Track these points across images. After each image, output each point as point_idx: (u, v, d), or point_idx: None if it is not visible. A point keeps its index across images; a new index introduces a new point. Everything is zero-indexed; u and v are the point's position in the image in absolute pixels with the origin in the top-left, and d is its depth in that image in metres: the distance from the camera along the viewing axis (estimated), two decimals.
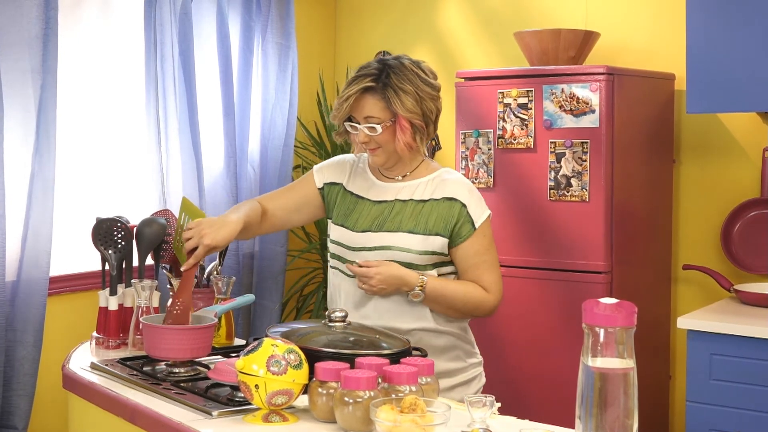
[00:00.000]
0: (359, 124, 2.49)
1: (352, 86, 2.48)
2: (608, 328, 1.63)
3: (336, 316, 2.27)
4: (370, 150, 2.52)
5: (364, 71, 2.50)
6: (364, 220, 2.57)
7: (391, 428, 1.77)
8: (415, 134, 2.48)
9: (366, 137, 2.48)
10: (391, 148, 2.50)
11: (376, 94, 2.46)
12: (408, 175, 2.59)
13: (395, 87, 2.45)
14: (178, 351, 2.28)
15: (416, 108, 2.46)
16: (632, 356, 1.64)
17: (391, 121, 2.47)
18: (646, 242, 3.69)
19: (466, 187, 2.56)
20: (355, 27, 4.84)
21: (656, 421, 3.78)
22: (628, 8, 3.97)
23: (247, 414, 2.00)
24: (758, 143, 3.68)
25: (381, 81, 2.46)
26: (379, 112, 2.46)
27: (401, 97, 2.44)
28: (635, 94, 3.58)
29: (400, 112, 2.44)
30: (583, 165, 3.44)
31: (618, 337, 1.64)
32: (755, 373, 3.03)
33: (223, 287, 2.68)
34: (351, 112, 2.49)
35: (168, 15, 3.92)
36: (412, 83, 2.47)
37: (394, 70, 2.48)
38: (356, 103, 2.47)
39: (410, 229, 2.51)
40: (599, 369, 1.63)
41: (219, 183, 4.17)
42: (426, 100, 2.49)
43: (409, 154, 2.54)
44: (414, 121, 2.47)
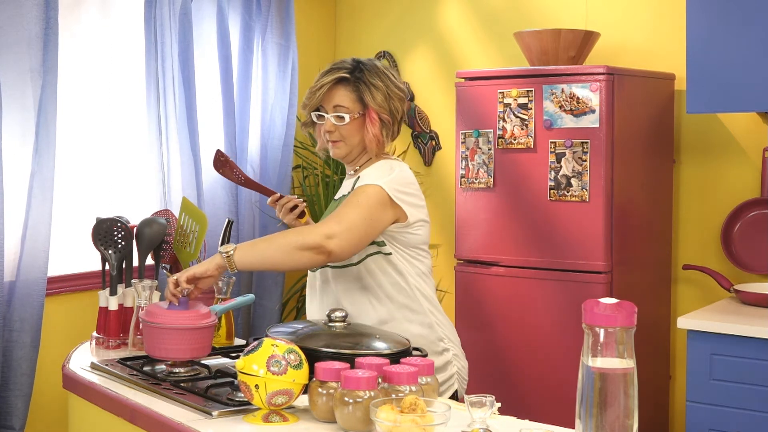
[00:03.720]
0: (326, 113, 2.54)
1: (326, 76, 2.55)
2: (608, 328, 1.63)
3: (336, 316, 2.27)
4: (333, 142, 2.57)
5: (338, 65, 2.58)
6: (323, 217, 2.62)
7: (391, 428, 1.77)
8: (382, 129, 2.55)
9: (332, 126, 2.54)
10: (353, 142, 2.56)
11: (348, 85, 2.54)
12: (358, 170, 2.62)
13: (367, 81, 2.54)
14: (178, 351, 2.28)
15: (385, 104, 2.55)
16: (632, 356, 1.64)
17: (359, 113, 2.53)
18: (646, 242, 3.69)
19: (373, 168, 2.55)
20: (354, 27, 4.84)
21: (656, 421, 3.78)
22: (628, 8, 3.97)
23: (247, 414, 2.00)
24: (758, 143, 3.68)
25: (354, 74, 2.54)
26: (349, 102, 2.53)
27: (372, 91, 2.53)
28: (635, 94, 3.58)
29: (370, 104, 2.52)
30: (583, 165, 3.44)
31: (618, 337, 1.64)
32: (755, 373, 3.03)
33: (223, 287, 2.68)
34: (321, 102, 2.56)
35: (168, 15, 3.92)
36: (383, 81, 2.56)
37: (367, 66, 2.58)
38: (328, 93, 2.54)
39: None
40: (599, 369, 1.63)
41: (218, 183, 4.17)
42: (394, 99, 2.57)
43: (376, 148, 2.56)
44: (382, 116, 2.54)
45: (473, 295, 3.72)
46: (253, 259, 2.36)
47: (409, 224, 2.50)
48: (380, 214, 2.44)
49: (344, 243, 2.37)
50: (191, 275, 2.31)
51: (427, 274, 2.60)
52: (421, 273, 2.57)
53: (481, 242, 3.70)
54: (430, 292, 2.61)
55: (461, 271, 3.76)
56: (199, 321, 2.29)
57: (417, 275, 2.56)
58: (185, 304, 2.32)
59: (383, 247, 2.51)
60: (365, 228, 2.41)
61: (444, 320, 2.63)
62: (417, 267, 2.56)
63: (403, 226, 2.50)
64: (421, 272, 2.57)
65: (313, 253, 2.36)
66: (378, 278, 2.52)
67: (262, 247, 2.38)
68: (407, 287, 2.53)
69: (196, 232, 2.87)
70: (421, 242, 2.56)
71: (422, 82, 4.59)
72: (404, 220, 2.49)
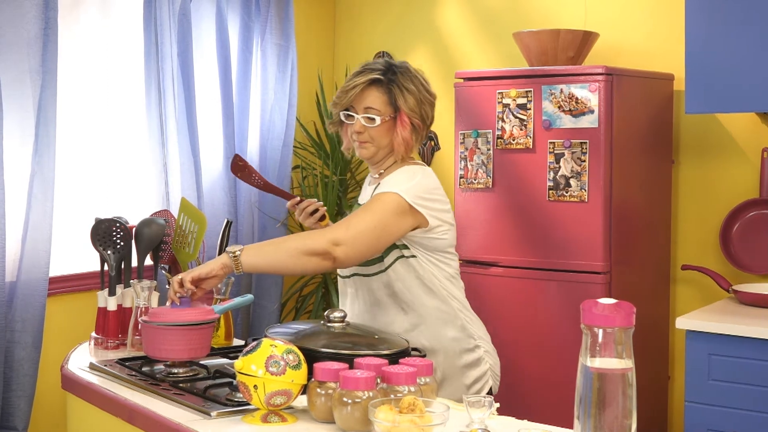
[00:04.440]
0: (357, 114, 2.53)
1: (360, 77, 2.53)
2: (607, 329, 1.63)
3: (335, 317, 2.27)
4: (361, 142, 2.56)
5: (371, 66, 2.57)
6: None
7: (390, 428, 1.77)
8: (413, 133, 2.54)
9: (362, 127, 2.53)
10: (381, 144, 2.55)
11: (381, 87, 2.53)
12: (383, 173, 2.61)
13: (400, 84, 2.53)
14: (177, 351, 2.28)
15: (417, 108, 2.54)
16: (631, 356, 1.64)
17: (390, 116, 2.53)
18: (645, 242, 3.70)
19: (396, 174, 2.53)
20: (354, 28, 4.84)
21: (655, 421, 3.78)
22: (626, 9, 3.97)
23: (246, 414, 2.00)
24: (757, 143, 3.68)
25: (387, 77, 2.53)
26: (380, 105, 2.52)
27: (405, 95, 2.52)
28: (634, 95, 3.58)
29: (403, 108, 2.52)
30: (582, 165, 3.44)
31: (616, 337, 1.64)
32: (754, 374, 3.03)
33: (222, 288, 2.68)
34: (352, 102, 2.54)
35: (167, 15, 3.92)
36: (415, 85, 2.56)
37: (400, 69, 2.56)
38: (360, 94, 2.53)
39: None
40: (598, 369, 1.63)
41: (218, 184, 4.17)
42: (425, 105, 2.57)
43: (403, 152, 2.56)
44: (413, 120, 2.53)
45: (472, 295, 3.70)
46: (260, 261, 2.35)
47: (432, 229, 2.50)
48: (395, 222, 2.44)
49: (350, 250, 2.38)
50: (196, 276, 2.31)
51: (456, 277, 2.62)
52: (449, 276, 2.58)
53: (480, 242, 3.70)
54: (459, 293, 2.62)
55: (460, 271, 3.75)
56: (199, 317, 2.29)
57: (445, 278, 2.57)
58: (187, 303, 2.32)
59: (405, 250, 2.51)
60: (375, 236, 2.41)
61: (475, 319, 2.66)
62: (444, 270, 2.57)
63: (426, 231, 2.50)
64: (449, 275, 2.58)
65: (320, 259, 2.36)
66: (407, 283, 2.52)
67: (269, 250, 2.38)
68: (436, 290, 2.54)
69: (194, 232, 2.87)
70: (447, 246, 2.57)
71: None
72: (426, 225, 2.49)
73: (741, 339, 3.05)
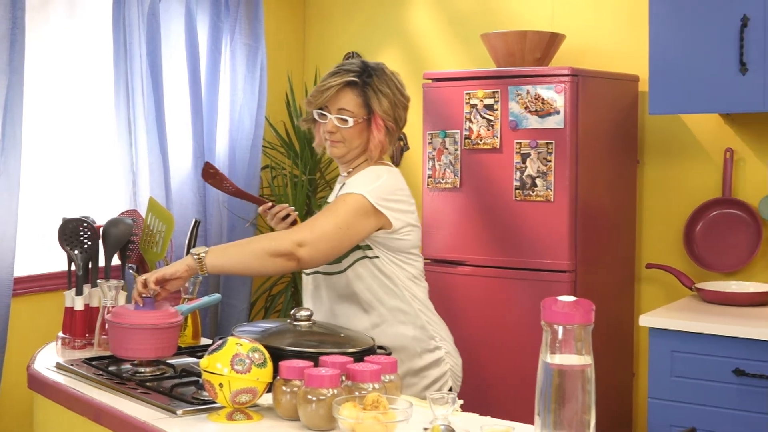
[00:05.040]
0: (330, 114, 2.56)
1: (335, 78, 2.56)
2: (566, 326, 1.66)
3: (301, 315, 2.29)
4: (332, 141, 2.58)
5: (347, 67, 2.59)
6: None
7: (354, 425, 1.79)
8: (387, 135, 2.58)
9: (334, 128, 2.56)
10: (353, 144, 2.57)
11: (355, 89, 2.55)
12: (351, 171, 2.63)
13: (375, 87, 2.56)
14: (144, 351, 2.29)
15: (391, 111, 2.57)
16: (590, 353, 1.67)
17: (363, 118, 2.55)
18: (610, 241, 3.74)
19: (360, 176, 2.55)
20: (323, 28, 4.86)
21: (620, 418, 3.82)
22: (593, 11, 4.02)
23: (212, 412, 2.01)
24: (720, 144, 3.73)
25: (362, 79, 2.56)
26: (354, 107, 2.54)
27: (379, 98, 2.55)
28: (599, 96, 3.62)
29: (377, 111, 2.54)
30: (548, 165, 3.48)
31: (576, 334, 1.67)
32: (714, 370, 3.07)
33: (190, 287, 2.69)
34: (326, 102, 2.57)
35: (136, 16, 3.92)
36: (390, 88, 2.59)
37: (376, 72, 2.59)
38: (334, 95, 2.55)
39: None
40: (557, 366, 1.66)
41: (186, 184, 4.17)
42: (399, 108, 2.60)
43: (377, 154, 2.59)
44: (387, 123, 2.56)
45: (439, 295, 3.74)
46: (225, 262, 2.36)
47: (396, 230, 2.52)
48: (359, 223, 2.45)
49: (314, 251, 2.40)
50: (160, 276, 2.31)
51: (419, 277, 2.63)
52: (412, 277, 2.60)
53: (447, 242, 3.73)
54: (422, 294, 2.64)
55: (428, 271, 3.75)
56: (164, 321, 2.30)
57: (407, 279, 2.59)
58: (151, 304, 2.32)
59: (368, 251, 2.53)
60: (339, 237, 2.43)
61: (437, 320, 2.67)
62: (407, 271, 2.59)
63: (390, 233, 2.52)
64: (412, 276, 2.60)
65: (284, 260, 2.38)
66: (367, 283, 2.54)
67: (234, 252, 2.40)
68: (397, 290, 2.56)
69: (162, 232, 2.88)
70: (410, 247, 2.59)
71: None
72: (390, 227, 2.51)
73: (703, 336, 3.10)
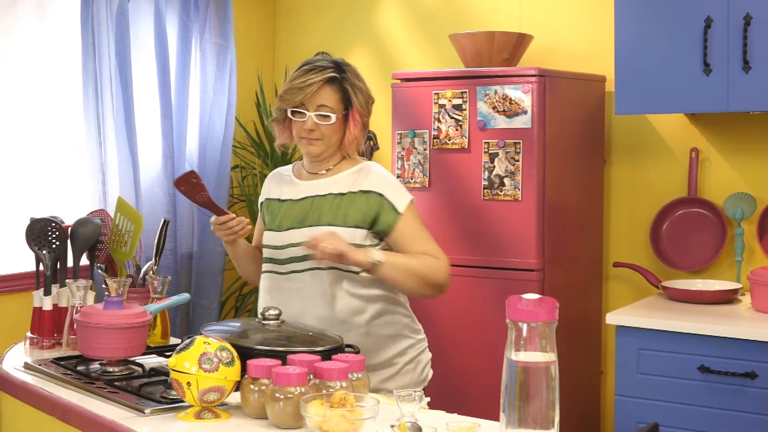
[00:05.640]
0: (308, 111, 2.55)
1: (313, 74, 2.55)
2: (531, 323, 1.68)
3: (270, 314, 2.30)
4: (311, 139, 2.58)
5: (320, 63, 2.58)
6: (287, 220, 2.64)
7: (321, 423, 1.81)
8: (362, 130, 2.62)
9: (314, 125, 2.55)
10: (331, 141, 2.59)
11: (334, 85, 2.56)
12: (332, 169, 2.65)
13: (351, 82, 2.59)
14: (112, 350, 2.30)
15: (366, 106, 2.62)
16: (554, 350, 1.70)
17: (342, 114, 2.57)
18: (578, 240, 3.77)
19: (383, 178, 2.62)
20: (293, 28, 4.86)
21: (588, 415, 3.86)
22: (560, 12, 4.05)
23: (180, 411, 2.02)
24: (686, 143, 3.78)
25: (340, 75, 2.58)
26: (333, 102, 2.56)
27: (356, 93, 2.59)
28: (567, 96, 3.66)
29: (356, 105, 2.58)
30: (515, 165, 3.51)
31: (540, 331, 1.69)
32: (680, 367, 3.11)
33: (159, 287, 2.69)
34: (303, 100, 2.55)
35: (105, 15, 3.91)
36: (362, 83, 2.63)
37: (348, 68, 2.62)
38: (314, 92, 2.55)
39: (329, 222, 2.57)
40: (522, 363, 1.68)
41: (156, 183, 4.16)
42: (370, 103, 2.65)
43: (352, 148, 2.63)
44: (363, 117, 2.61)
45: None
46: (390, 276, 2.52)
47: None
48: None
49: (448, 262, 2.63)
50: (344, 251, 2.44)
51: None
52: None
53: None
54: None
55: None
56: (132, 320, 2.30)
57: None
58: (120, 303, 2.33)
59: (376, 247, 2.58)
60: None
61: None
62: None
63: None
64: None
65: (435, 290, 2.59)
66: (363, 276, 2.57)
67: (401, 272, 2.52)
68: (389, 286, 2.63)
69: (131, 232, 2.88)
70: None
71: None
72: None
73: (669, 334, 3.14)
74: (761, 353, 2.98)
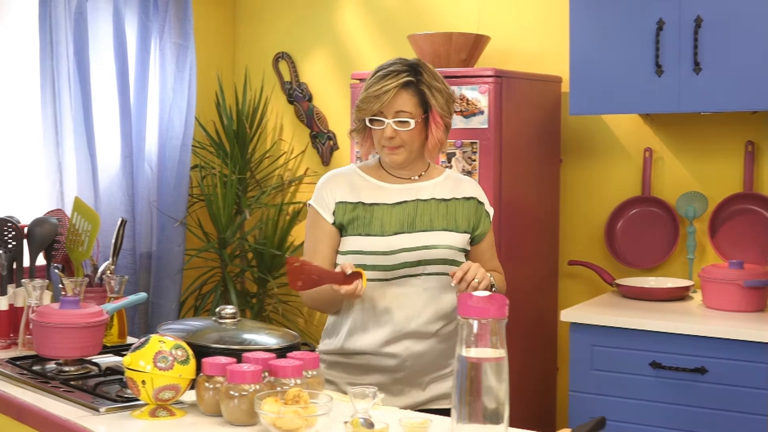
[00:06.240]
0: (387, 119, 2.46)
1: (388, 80, 2.46)
2: (481, 320, 1.72)
3: (226, 313, 2.32)
4: (392, 148, 2.49)
5: (395, 67, 2.49)
6: (390, 224, 2.52)
7: (275, 420, 1.83)
8: (445, 132, 2.52)
9: (393, 132, 2.46)
10: (413, 147, 2.50)
11: (410, 89, 2.47)
12: (423, 174, 2.60)
13: (429, 84, 2.48)
14: (68, 350, 2.30)
15: (446, 107, 2.52)
16: (504, 346, 1.73)
17: (421, 117, 2.48)
18: (534, 239, 3.82)
19: (478, 186, 2.67)
20: (254, 28, 4.87)
21: (544, 411, 3.90)
22: (517, 13, 4.10)
23: (135, 409, 2.03)
24: (639, 144, 3.84)
25: (416, 77, 2.48)
26: (411, 107, 2.46)
27: (434, 94, 2.48)
28: (523, 97, 3.70)
29: (435, 108, 2.47)
30: (472, 165, 3.55)
31: (491, 328, 1.73)
32: (633, 363, 3.17)
33: (116, 286, 2.70)
34: (382, 108, 2.46)
35: (63, 15, 3.90)
36: (441, 83, 2.52)
37: (423, 68, 2.51)
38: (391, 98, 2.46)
39: (444, 227, 2.54)
40: (472, 359, 1.71)
41: (115, 182, 4.15)
42: (451, 102, 2.54)
43: (436, 153, 2.54)
44: (445, 119, 2.51)
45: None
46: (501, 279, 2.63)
47: None
48: None
49: None
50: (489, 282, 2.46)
51: None
52: None
53: None
54: None
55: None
56: (88, 319, 2.31)
57: None
58: (76, 303, 2.33)
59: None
60: None
61: None
62: None
63: None
64: None
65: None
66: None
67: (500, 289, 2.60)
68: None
69: (88, 231, 2.88)
70: None
71: (320, 83, 4.66)
72: None
73: (622, 330, 3.19)
74: (711, 349, 3.04)
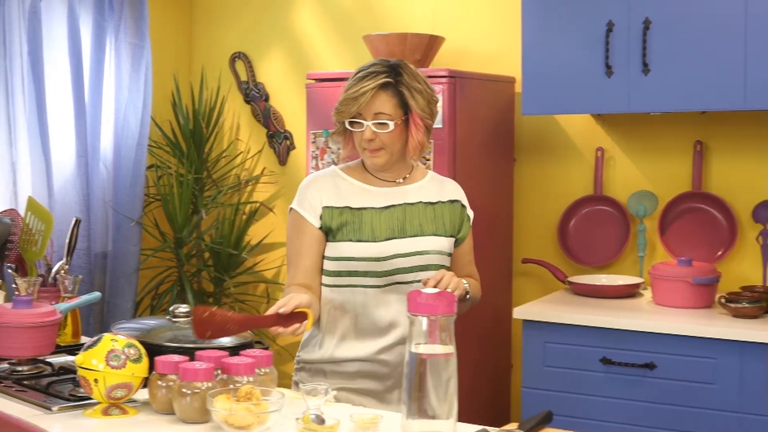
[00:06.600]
0: (366, 120, 2.43)
1: (367, 81, 2.42)
2: (430, 317, 1.75)
3: (180, 312, 2.33)
4: (372, 150, 2.46)
5: (374, 68, 2.46)
6: (380, 229, 2.50)
7: (227, 417, 1.85)
8: (426, 134, 2.48)
9: (372, 134, 2.43)
10: (394, 149, 2.47)
11: (389, 90, 2.43)
12: (408, 177, 2.58)
13: (408, 85, 2.44)
14: (21, 349, 2.30)
15: (427, 108, 2.47)
16: (453, 342, 1.77)
17: (401, 119, 2.44)
18: (488, 237, 3.86)
19: (458, 187, 2.68)
20: (211, 28, 4.87)
21: (497, 407, 3.94)
22: (471, 14, 4.14)
23: (88, 408, 2.04)
24: (592, 143, 3.90)
25: (395, 78, 2.44)
26: (390, 109, 2.42)
27: (415, 96, 2.44)
28: (477, 97, 3.74)
29: (415, 109, 2.43)
30: (427, 164, 3.58)
31: (440, 324, 1.76)
32: (584, 359, 3.22)
33: (70, 286, 2.69)
34: (360, 109, 2.43)
35: (16, 14, 3.89)
36: (420, 83, 2.47)
37: (404, 69, 2.46)
38: (370, 99, 2.42)
39: (434, 231, 2.55)
40: (422, 355, 1.75)
41: (69, 182, 4.14)
42: (432, 103, 2.50)
43: (417, 155, 2.50)
44: (425, 120, 2.46)
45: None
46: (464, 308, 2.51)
47: None
48: None
49: None
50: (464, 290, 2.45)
51: None
52: None
53: None
54: None
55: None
56: (41, 319, 2.31)
57: None
58: (29, 302, 2.33)
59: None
60: None
61: None
62: None
63: None
64: None
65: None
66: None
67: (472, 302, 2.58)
68: None
69: (42, 231, 2.88)
70: None
71: (277, 83, 4.67)
72: None
73: (573, 327, 3.24)
74: (660, 345, 3.10)
